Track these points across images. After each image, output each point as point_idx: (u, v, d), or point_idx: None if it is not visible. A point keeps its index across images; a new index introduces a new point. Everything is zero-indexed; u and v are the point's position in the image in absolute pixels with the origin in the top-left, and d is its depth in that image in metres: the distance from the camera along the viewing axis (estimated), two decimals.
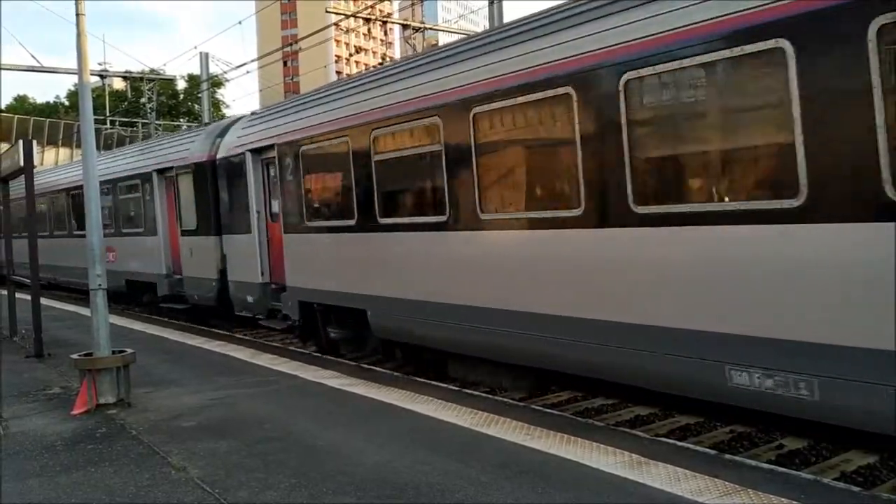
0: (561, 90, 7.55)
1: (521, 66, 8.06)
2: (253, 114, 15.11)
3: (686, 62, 6.44)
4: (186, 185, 16.37)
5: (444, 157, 9.15)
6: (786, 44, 5.70)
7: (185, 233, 16.60)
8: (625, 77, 6.90)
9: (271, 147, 13.01)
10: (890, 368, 5.21)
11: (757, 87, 6.16)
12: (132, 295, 19.56)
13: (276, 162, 12.80)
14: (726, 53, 6.12)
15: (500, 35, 8.82)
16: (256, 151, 13.63)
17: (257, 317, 14.15)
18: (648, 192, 6.90)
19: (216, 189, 15.16)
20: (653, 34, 6.70)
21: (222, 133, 15.60)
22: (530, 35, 8.17)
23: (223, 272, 15.05)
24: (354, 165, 10.76)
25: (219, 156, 15.09)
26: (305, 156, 12.03)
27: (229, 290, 14.76)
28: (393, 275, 10.26)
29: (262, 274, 13.62)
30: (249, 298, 14.00)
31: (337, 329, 12.02)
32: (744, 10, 5.99)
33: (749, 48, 5.96)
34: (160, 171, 17.58)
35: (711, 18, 6.23)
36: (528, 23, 8.39)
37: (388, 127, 10.13)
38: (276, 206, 13.16)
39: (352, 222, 10.92)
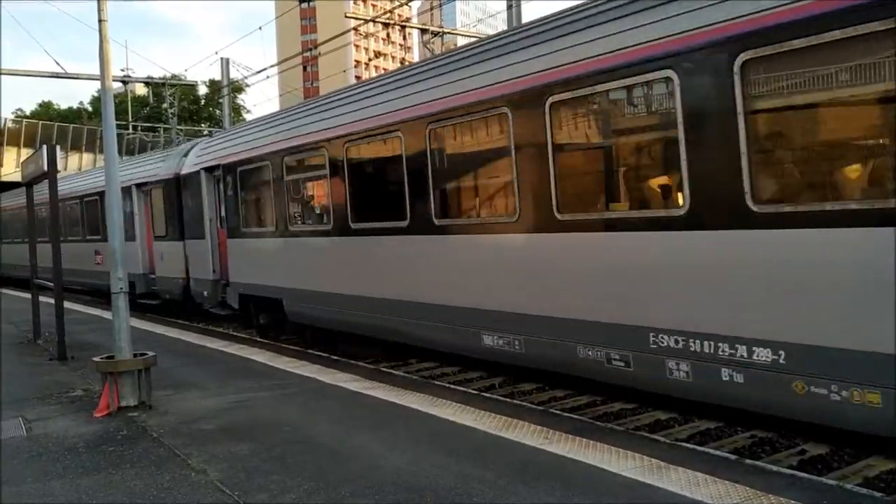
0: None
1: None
2: (209, 137, 18.55)
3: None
4: (158, 198, 19.24)
5: (328, 178, 12.00)
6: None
7: (157, 238, 19.53)
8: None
9: (217, 167, 15.91)
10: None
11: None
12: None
13: (221, 178, 15.72)
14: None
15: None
16: (208, 170, 16.39)
17: (212, 308, 17.10)
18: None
19: (181, 201, 17.88)
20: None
21: (187, 153, 18.32)
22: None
23: (188, 271, 17.75)
24: (273, 184, 13.61)
25: (182, 172, 17.78)
26: (240, 174, 14.95)
27: (191, 286, 17.60)
28: (299, 271, 13.16)
29: (214, 272, 16.47)
30: (205, 292, 16.83)
31: (265, 315, 14.86)
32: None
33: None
34: (138, 185, 20.19)
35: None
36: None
37: (294, 154, 13.10)
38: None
39: (272, 229, 13.83)
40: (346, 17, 32.46)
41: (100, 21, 9.43)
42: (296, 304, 13.37)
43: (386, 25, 28.35)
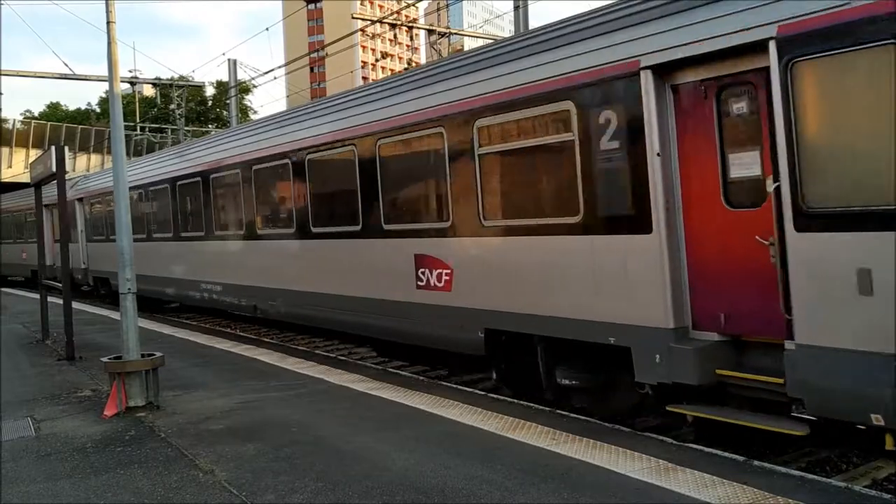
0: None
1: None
2: (84, 177, 27.39)
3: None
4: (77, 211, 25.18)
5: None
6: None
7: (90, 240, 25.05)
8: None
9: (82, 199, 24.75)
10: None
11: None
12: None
13: (82, 206, 24.85)
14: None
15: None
16: (81, 199, 24.81)
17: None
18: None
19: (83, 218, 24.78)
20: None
21: (81, 183, 25.74)
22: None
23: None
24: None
25: (77, 197, 24.72)
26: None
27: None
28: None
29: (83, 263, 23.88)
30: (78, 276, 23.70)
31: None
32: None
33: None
34: (79, 200, 25.21)
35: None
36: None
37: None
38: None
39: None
40: (352, 17, 32.52)
41: (108, 23, 9.47)
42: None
43: (393, 26, 28.34)
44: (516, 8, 20.58)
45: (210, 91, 69.03)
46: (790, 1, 5.85)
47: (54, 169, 12.60)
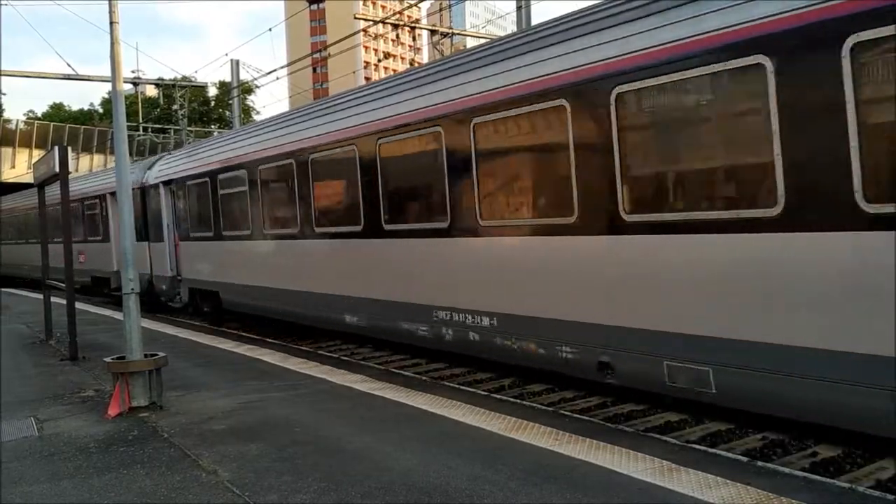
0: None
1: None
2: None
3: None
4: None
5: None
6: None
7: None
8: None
9: (170, 181, 19.39)
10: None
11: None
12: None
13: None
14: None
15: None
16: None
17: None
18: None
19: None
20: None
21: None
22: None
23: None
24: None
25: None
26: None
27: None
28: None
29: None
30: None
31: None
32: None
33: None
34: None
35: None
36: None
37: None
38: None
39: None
40: (355, 18, 32.52)
41: (111, 23, 9.47)
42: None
43: (395, 27, 28.36)
44: (519, 8, 20.59)
45: (213, 91, 69.24)
46: None
47: (57, 169, 12.61)
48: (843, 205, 5.76)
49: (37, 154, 41.73)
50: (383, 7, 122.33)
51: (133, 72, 43.13)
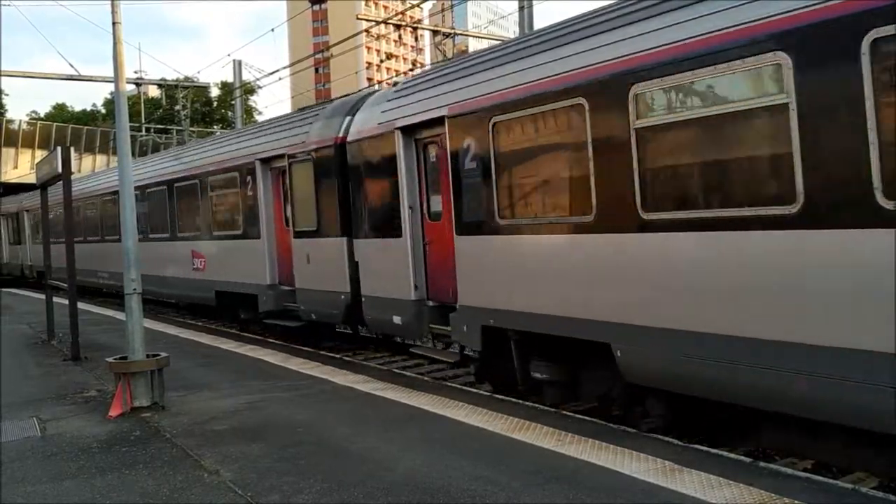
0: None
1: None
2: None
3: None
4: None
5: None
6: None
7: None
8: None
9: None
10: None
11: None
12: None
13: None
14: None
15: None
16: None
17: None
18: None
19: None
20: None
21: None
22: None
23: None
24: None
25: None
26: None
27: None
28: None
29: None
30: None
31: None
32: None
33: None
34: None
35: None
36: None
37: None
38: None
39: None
40: (357, 18, 32.53)
41: (113, 24, 9.49)
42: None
43: (397, 27, 28.33)
44: (521, 9, 20.57)
45: (215, 92, 69.25)
46: None
47: (60, 169, 12.62)
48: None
49: (39, 154, 41.71)
50: (385, 7, 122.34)
51: (136, 72, 43.12)
